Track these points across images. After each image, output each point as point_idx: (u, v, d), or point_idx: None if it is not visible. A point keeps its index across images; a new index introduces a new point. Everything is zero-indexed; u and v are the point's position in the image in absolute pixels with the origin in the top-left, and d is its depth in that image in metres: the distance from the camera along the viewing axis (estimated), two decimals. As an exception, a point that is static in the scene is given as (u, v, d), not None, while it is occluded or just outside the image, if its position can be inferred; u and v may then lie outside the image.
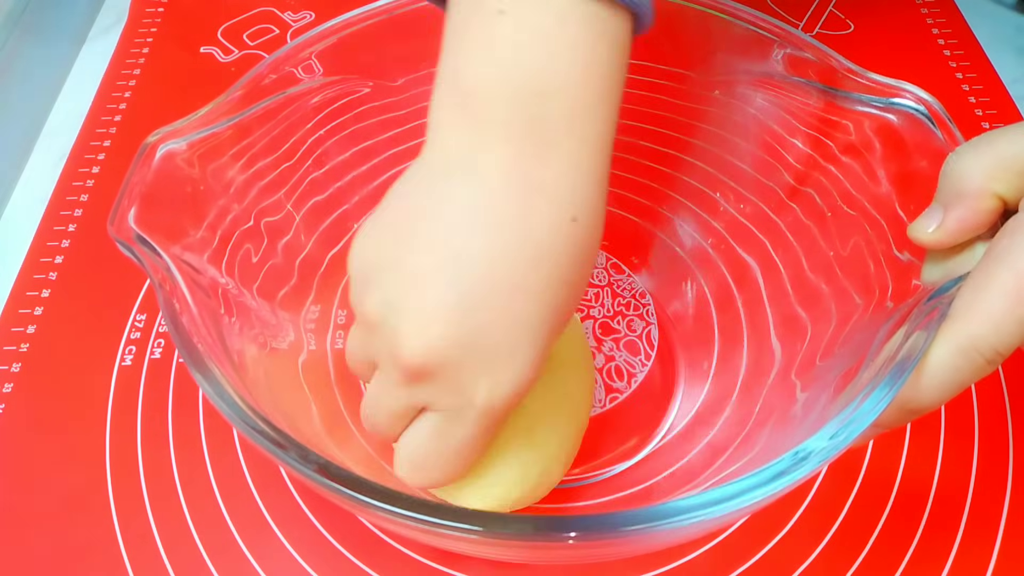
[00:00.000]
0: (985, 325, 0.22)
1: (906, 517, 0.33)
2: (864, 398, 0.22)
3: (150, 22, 0.54)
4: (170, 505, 0.33)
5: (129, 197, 0.26)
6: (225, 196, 0.30)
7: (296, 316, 0.33)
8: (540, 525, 0.21)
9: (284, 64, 0.31)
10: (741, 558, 0.32)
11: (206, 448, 0.35)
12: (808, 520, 0.33)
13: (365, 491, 0.21)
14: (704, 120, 0.35)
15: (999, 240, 0.23)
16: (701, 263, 0.37)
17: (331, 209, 0.35)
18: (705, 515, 0.20)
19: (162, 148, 0.28)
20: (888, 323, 0.26)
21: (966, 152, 0.24)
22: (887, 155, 0.29)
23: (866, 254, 0.30)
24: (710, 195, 0.36)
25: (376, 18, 0.33)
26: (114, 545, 0.32)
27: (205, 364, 0.23)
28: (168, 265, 0.26)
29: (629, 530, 0.20)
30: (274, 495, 0.33)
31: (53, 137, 0.48)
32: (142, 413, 0.36)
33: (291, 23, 0.54)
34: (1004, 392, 0.36)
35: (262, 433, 0.22)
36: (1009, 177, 0.23)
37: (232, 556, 0.32)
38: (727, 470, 0.29)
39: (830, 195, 0.31)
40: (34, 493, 0.34)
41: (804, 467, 0.21)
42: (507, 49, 0.23)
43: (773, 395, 0.31)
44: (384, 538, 0.32)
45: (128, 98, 0.49)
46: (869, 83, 0.29)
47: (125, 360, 0.38)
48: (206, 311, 0.26)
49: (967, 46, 0.51)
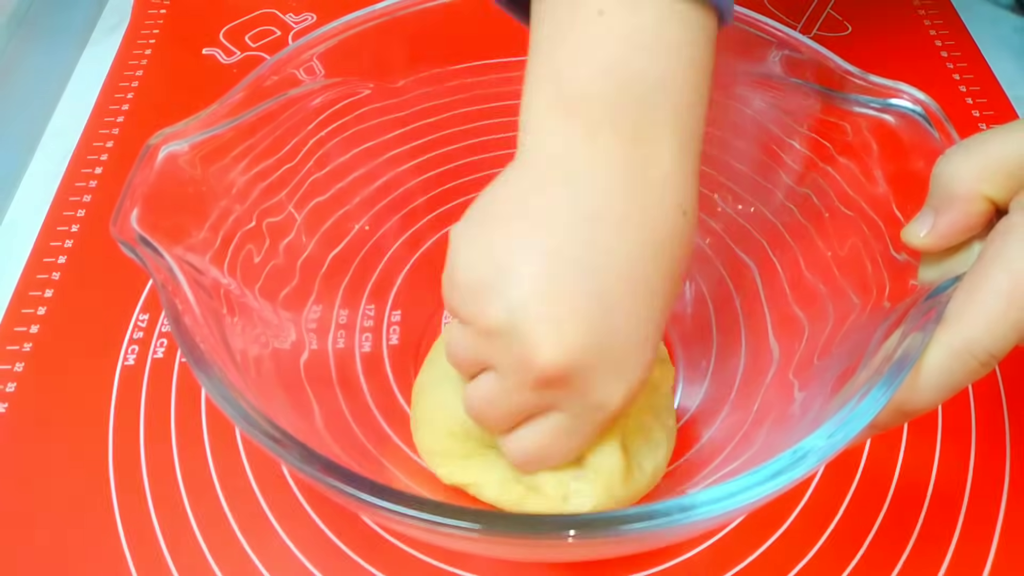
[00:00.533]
0: (979, 328, 0.22)
1: (903, 516, 0.33)
2: (862, 397, 0.22)
3: (152, 24, 0.54)
4: (173, 504, 0.33)
5: (131, 198, 0.26)
6: (227, 197, 0.30)
7: (298, 316, 0.33)
8: (539, 523, 0.21)
9: (286, 66, 0.31)
10: (738, 557, 0.32)
11: (208, 447, 0.35)
12: (805, 519, 0.33)
13: (367, 490, 0.21)
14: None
15: (991, 242, 0.23)
16: (699, 263, 0.37)
17: (332, 210, 0.35)
18: (703, 513, 0.20)
19: (164, 149, 0.28)
20: (885, 323, 0.26)
21: (956, 154, 0.24)
22: (884, 156, 0.29)
23: (863, 254, 0.30)
24: (708, 195, 0.36)
25: (378, 20, 0.33)
26: (117, 544, 0.32)
27: (207, 364, 0.24)
28: (170, 266, 0.26)
29: (627, 529, 0.20)
30: (276, 494, 0.33)
31: (56, 138, 0.48)
32: (145, 412, 0.36)
33: (293, 25, 0.54)
34: (1001, 392, 0.36)
35: (264, 432, 0.22)
36: (999, 179, 0.23)
37: (235, 554, 0.32)
38: (725, 469, 0.29)
39: (827, 196, 0.31)
40: (37, 492, 0.34)
41: (802, 466, 0.21)
42: (610, 50, 0.23)
43: (771, 394, 0.31)
44: (386, 536, 0.32)
45: (131, 99, 0.50)
46: (866, 84, 0.29)
47: (128, 359, 0.38)
48: (208, 311, 0.26)
49: (964, 47, 0.51)
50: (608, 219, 0.23)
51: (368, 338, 0.36)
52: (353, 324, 0.36)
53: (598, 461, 0.28)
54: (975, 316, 0.22)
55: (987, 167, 0.23)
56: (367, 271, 0.37)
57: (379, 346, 0.36)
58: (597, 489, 0.28)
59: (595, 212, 0.23)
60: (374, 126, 0.35)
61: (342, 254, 0.36)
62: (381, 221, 0.37)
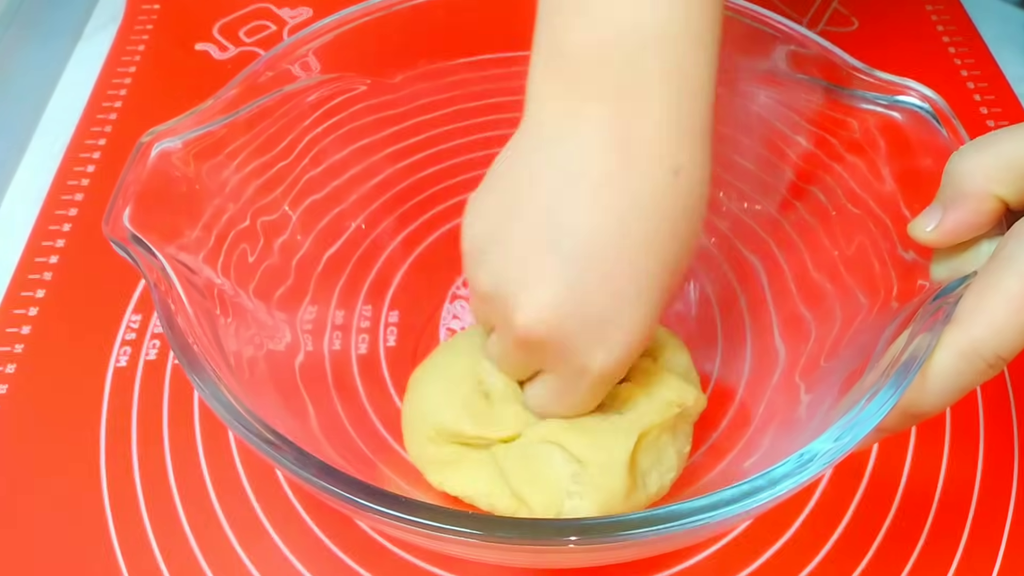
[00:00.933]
0: (988, 330, 0.22)
1: (911, 520, 0.32)
2: (869, 400, 0.22)
3: (146, 19, 0.54)
4: (165, 507, 0.33)
5: (124, 197, 0.26)
6: (221, 195, 0.30)
7: (292, 317, 0.33)
8: (540, 528, 0.21)
9: (280, 61, 0.31)
10: (744, 562, 0.31)
11: (202, 450, 0.34)
12: (812, 523, 0.32)
13: (362, 494, 0.21)
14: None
15: (1005, 244, 0.23)
16: (704, 263, 0.37)
17: (328, 208, 0.35)
18: (709, 518, 0.20)
19: (157, 147, 0.27)
20: (893, 323, 0.26)
21: (968, 152, 0.24)
22: (891, 153, 0.29)
23: (871, 253, 0.29)
24: (713, 193, 0.36)
25: (373, 15, 0.33)
26: (109, 546, 0.32)
27: (201, 365, 0.23)
28: (163, 265, 0.26)
29: (630, 534, 0.20)
30: (270, 498, 0.33)
31: (48, 135, 0.48)
32: (137, 414, 0.36)
33: (288, 20, 0.54)
34: (1009, 395, 0.36)
35: (258, 435, 0.22)
36: (1011, 179, 0.23)
37: (228, 559, 0.32)
38: (730, 472, 0.29)
39: (834, 193, 0.31)
40: (28, 494, 0.33)
41: (809, 469, 0.21)
42: (599, 8, 0.23)
43: (777, 397, 0.31)
44: (381, 541, 0.32)
45: (124, 96, 0.49)
46: (873, 80, 0.29)
47: (120, 361, 0.37)
48: (202, 312, 0.26)
49: (972, 43, 0.51)
50: (587, 182, 0.23)
51: (364, 339, 0.36)
52: (349, 325, 0.36)
53: (601, 477, 0.27)
54: (985, 317, 0.22)
55: (1000, 166, 0.23)
56: (363, 271, 0.37)
57: (376, 348, 0.36)
58: (594, 508, 0.27)
59: (579, 173, 0.23)
60: (370, 122, 0.35)
61: (338, 253, 0.36)
62: (378, 220, 0.37)
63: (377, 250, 0.37)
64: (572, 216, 0.23)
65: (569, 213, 0.23)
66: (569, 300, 0.23)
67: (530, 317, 0.24)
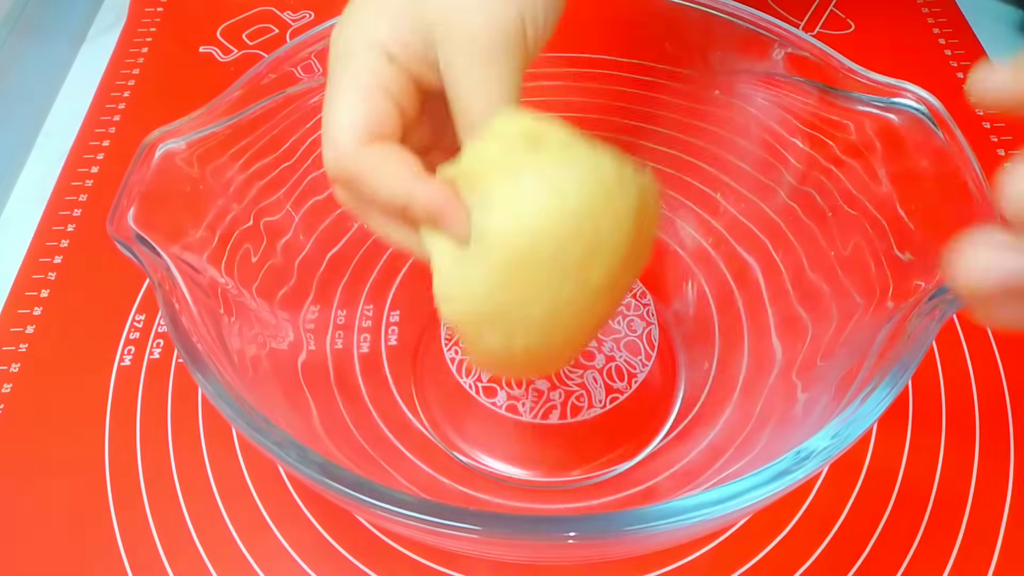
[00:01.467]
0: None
1: (907, 517, 0.33)
2: (865, 398, 0.22)
3: (149, 21, 0.54)
4: (169, 505, 0.33)
5: (128, 197, 0.26)
6: (224, 196, 0.30)
7: (295, 316, 0.33)
8: (540, 524, 0.21)
9: (283, 63, 0.31)
10: (742, 559, 0.32)
11: (205, 448, 0.35)
12: (809, 520, 0.32)
13: (365, 491, 0.21)
14: (705, 120, 0.35)
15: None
16: (701, 263, 0.37)
17: (330, 209, 0.35)
18: (706, 515, 0.20)
19: (161, 148, 0.28)
20: (889, 323, 0.26)
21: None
22: (888, 155, 0.29)
23: (867, 254, 0.29)
24: (711, 195, 0.36)
25: (376, 17, 0.33)
26: (113, 545, 0.32)
27: (204, 364, 0.23)
28: (167, 265, 0.26)
29: (629, 530, 0.20)
30: (273, 495, 0.33)
31: (52, 137, 0.48)
32: (141, 413, 0.36)
33: (291, 22, 0.54)
34: (1005, 391, 0.36)
35: (261, 432, 0.22)
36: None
37: (231, 556, 0.32)
38: (728, 470, 0.29)
39: (831, 195, 0.31)
40: (33, 493, 0.34)
41: (805, 467, 0.21)
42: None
43: (774, 395, 0.31)
44: (383, 538, 0.32)
45: (127, 98, 0.49)
46: (870, 83, 0.29)
47: (124, 360, 0.38)
48: (205, 311, 0.26)
49: (968, 45, 0.51)
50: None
51: (366, 338, 0.36)
52: (351, 324, 0.36)
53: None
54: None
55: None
56: (366, 271, 0.37)
57: (377, 347, 0.36)
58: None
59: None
60: (373, 124, 0.35)
61: (340, 253, 0.36)
62: (379, 220, 0.37)
63: (379, 250, 0.37)
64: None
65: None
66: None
67: None
